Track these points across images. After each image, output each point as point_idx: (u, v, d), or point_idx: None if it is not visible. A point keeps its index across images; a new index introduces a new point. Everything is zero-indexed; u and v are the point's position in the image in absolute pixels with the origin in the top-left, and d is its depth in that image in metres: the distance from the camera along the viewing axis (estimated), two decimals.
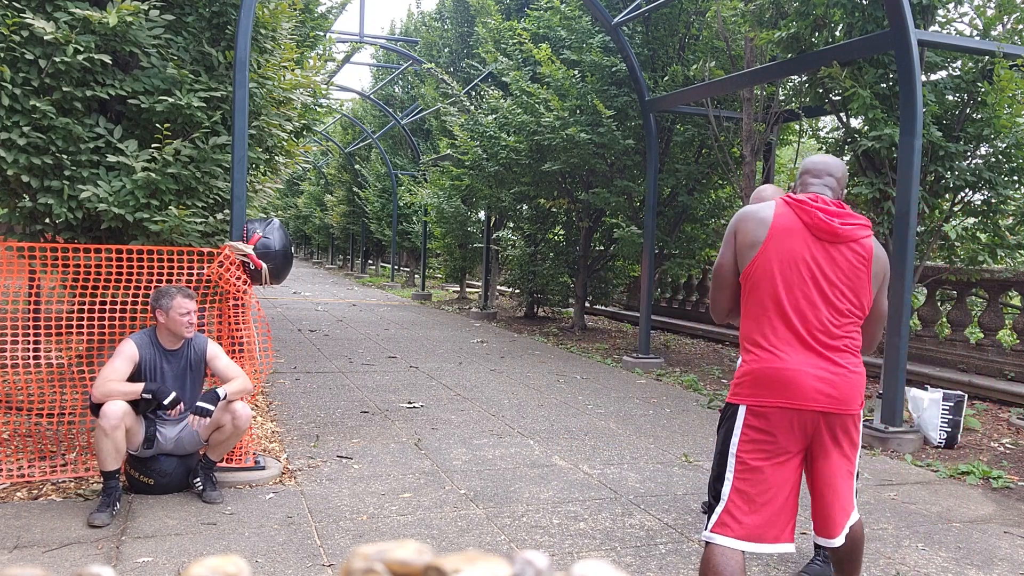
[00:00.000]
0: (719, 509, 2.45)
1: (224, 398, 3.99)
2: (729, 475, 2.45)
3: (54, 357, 4.49)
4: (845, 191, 2.64)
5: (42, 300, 4.73)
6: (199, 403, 3.93)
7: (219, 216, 5.02)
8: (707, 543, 2.47)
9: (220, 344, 4.41)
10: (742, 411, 2.46)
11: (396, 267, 26.50)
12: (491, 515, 4.02)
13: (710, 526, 2.47)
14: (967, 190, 6.87)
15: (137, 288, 4.44)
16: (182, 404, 3.98)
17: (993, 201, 6.78)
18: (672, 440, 5.74)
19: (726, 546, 2.40)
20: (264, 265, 4.56)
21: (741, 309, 2.57)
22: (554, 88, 10.55)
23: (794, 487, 2.43)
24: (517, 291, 14.48)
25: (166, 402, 3.87)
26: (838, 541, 2.50)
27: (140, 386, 3.85)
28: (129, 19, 4.37)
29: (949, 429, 5.78)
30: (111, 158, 4.49)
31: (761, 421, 2.41)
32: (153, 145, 4.61)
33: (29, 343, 4.36)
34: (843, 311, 2.43)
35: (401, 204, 20.77)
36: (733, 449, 2.45)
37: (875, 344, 2.67)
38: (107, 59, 4.40)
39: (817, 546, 3.29)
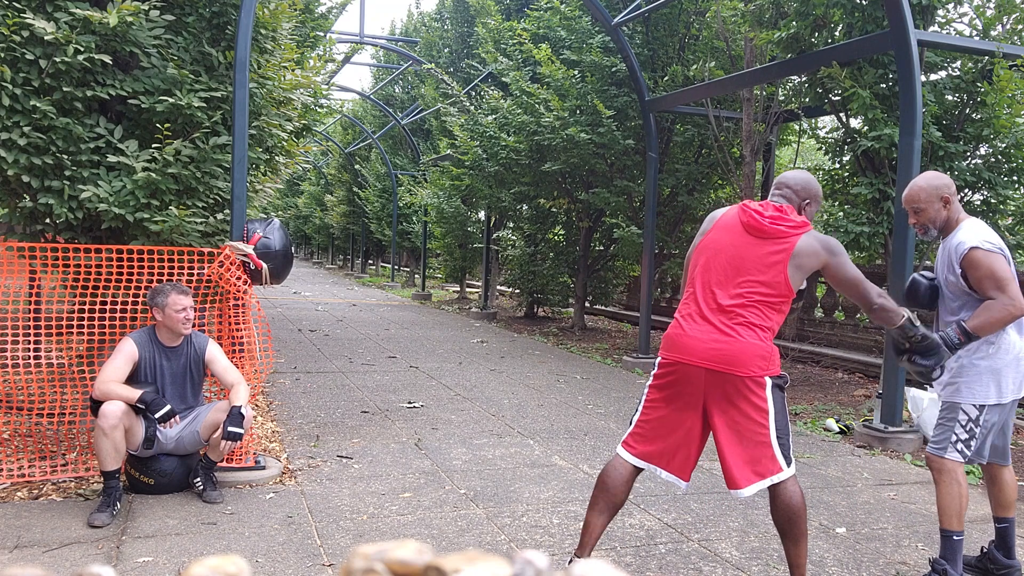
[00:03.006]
0: (628, 430, 3.06)
1: (245, 415, 4.00)
2: (640, 407, 3.05)
3: (54, 357, 4.50)
4: (807, 199, 3.07)
5: (42, 300, 4.74)
6: (230, 428, 3.93)
7: (219, 216, 5.02)
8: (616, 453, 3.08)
9: (220, 344, 4.42)
10: (657, 361, 3.03)
11: (396, 267, 26.50)
12: (491, 515, 4.02)
13: (620, 441, 3.09)
14: (967, 190, 6.88)
15: (137, 288, 4.44)
16: (176, 418, 3.99)
17: (993, 201, 6.78)
18: None
19: (623, 458, 3.01)
20: (264, 265, 4.57)
21: None
22: (554, 88, 10.55)
23: (689, 433, 2.92)
24: (517, 291, 14.48)
25: (158, 416, 3.87)
26: (744, 492, 2.83)
27: (138, 393, 3.86)
28: (129, 19, 4.37)
29: None
30: (111, 158, 4.49)
31: (665, 370, 2.97)
32: (153, 145, 4.61)
33: (29, 343, 4.36)
34: (747, 294, 2.86)
35: (401, 204, 20.77)
36: (646, 388, 3.05)
37: (873, 301, 2.91)
38: (107, 59, 4.40)
39: None
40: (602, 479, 3.03)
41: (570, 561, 3.18)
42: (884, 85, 6.68)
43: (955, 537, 3.22)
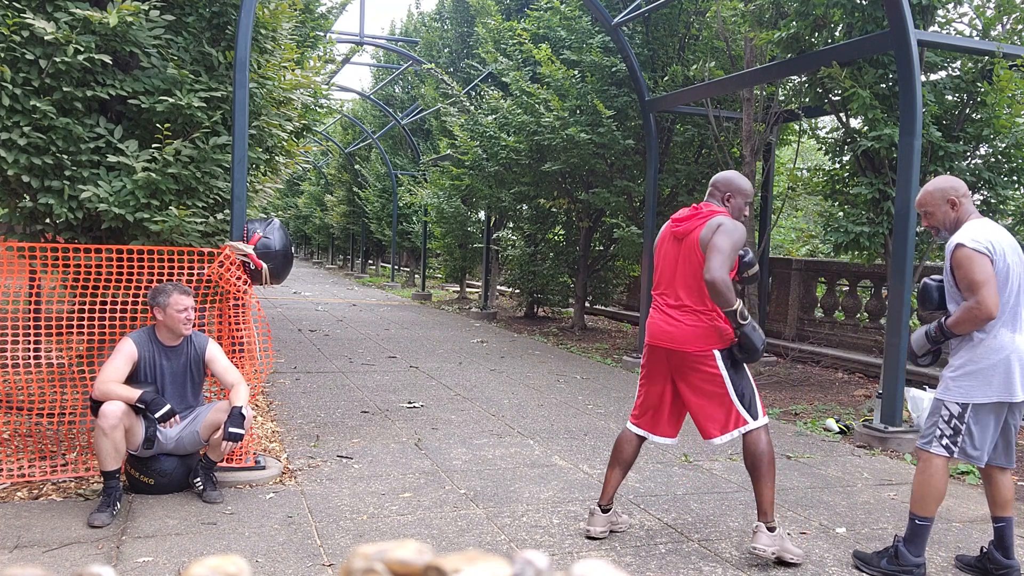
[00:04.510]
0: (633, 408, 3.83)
1: (246, 415, 3.99)
2: (637, 388, 3.82)
3: (54, 357, 4.50)
4: (727, 192, 3.65)
5: (42, 300, 4.74)
6: (231, 429, 3.93)
7: (219, 216, 5.02)
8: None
9: (220, 344, 4.41)
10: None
11: (396, 267, 26.49)
12: (491, 515, 4.02)
13: (628, 416, 3.85)
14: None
15: (137, 288, 4.44)
16: (176, 417, 3.98)
17: (992, 201, 6.78)
18: None
19: (629, 429, 3.79)
20: (264, 265, 4.57)
21: None
22: (554, 88, 10.55)
23: (663, 400, 3.68)
24: (517, 291, 14.48)
25: (158, 415, 3.87)
26: (716, 442, 3.55)
27: (137, 393, 3.85)
28: (129, 19, 4.37)
29: None
30: (111, 158, 4.49)
31: (644, 352, 3.75)
32: (153, 145, 4.61)
33: (29, 343, 4.36)
34: (687, 287, 3.53)
35: (401, 204, 20.77)
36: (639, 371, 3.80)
37: (711, 271, 3.31)
38: (107, 59, 4.40)
39: None
40: (616, 445, 3.80)
41: (592, 511, 3.75)
42: (884, 85, 6.68)
43: (918, 522, 3.33)
